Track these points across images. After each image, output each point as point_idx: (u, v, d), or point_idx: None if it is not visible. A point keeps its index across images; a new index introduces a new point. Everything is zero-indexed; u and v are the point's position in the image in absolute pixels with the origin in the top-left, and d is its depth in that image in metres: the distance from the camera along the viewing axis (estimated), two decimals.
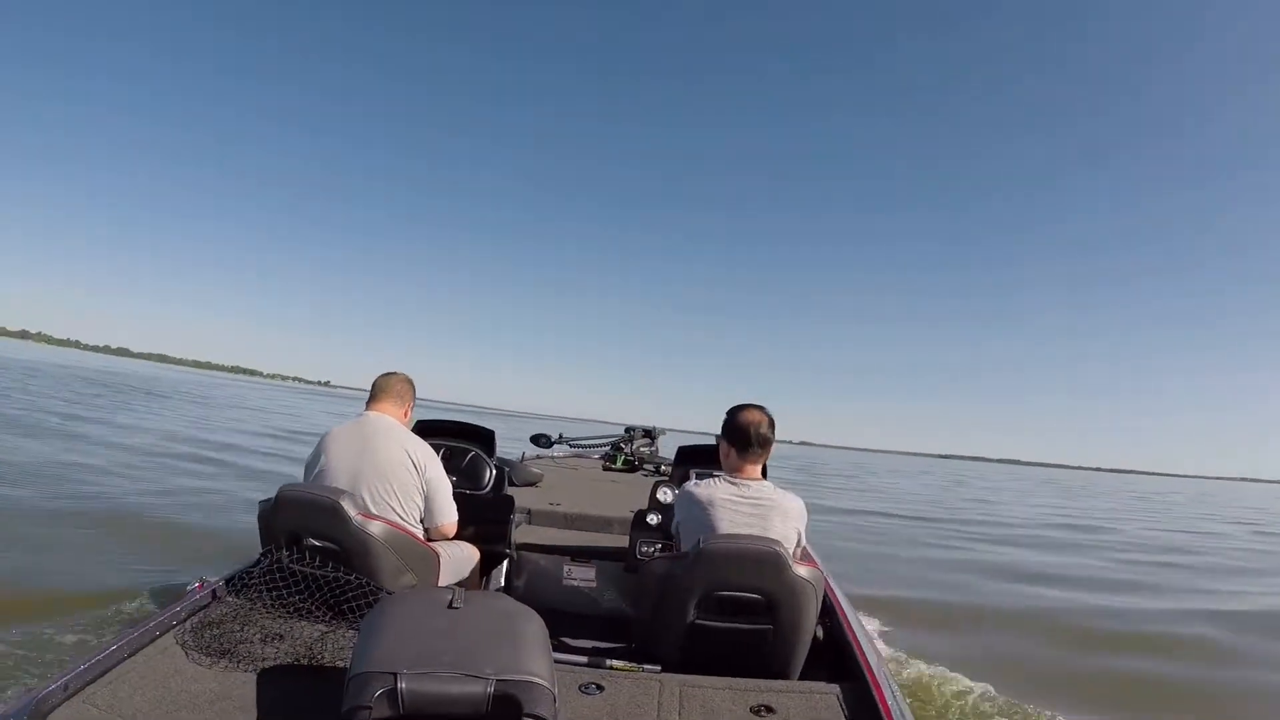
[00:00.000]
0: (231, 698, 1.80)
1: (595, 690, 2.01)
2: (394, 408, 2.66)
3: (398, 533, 2.37)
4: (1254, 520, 22.84)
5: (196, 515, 6.95)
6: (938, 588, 7.40)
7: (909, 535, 11.83)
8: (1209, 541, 14.86)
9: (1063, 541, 12.63)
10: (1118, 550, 11.86)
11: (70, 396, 20.91)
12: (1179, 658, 5.38)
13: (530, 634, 1.72)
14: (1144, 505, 28.40)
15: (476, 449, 3.36)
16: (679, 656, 2.21)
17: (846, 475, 31.95)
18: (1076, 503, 26.14)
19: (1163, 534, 15.94)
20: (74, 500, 6.91)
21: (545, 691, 1.55)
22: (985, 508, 19.58)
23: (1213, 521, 21.35)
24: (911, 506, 17.72)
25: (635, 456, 6.13)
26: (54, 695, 1.69)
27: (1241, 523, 21.43)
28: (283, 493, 2.32)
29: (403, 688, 1.48)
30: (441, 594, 1.82)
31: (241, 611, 2.19)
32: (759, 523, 2.29)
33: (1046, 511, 20.12)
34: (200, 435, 15.27)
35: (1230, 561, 11.59)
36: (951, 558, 9.69)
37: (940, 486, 30.68)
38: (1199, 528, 18.47)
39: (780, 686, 2.09)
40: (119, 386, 31.06)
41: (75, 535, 5.70)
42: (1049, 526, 15.38)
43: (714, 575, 2.16)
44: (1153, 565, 10.32)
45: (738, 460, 2.44)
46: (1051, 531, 14.33)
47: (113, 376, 40.55)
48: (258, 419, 23.82)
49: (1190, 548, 13.19)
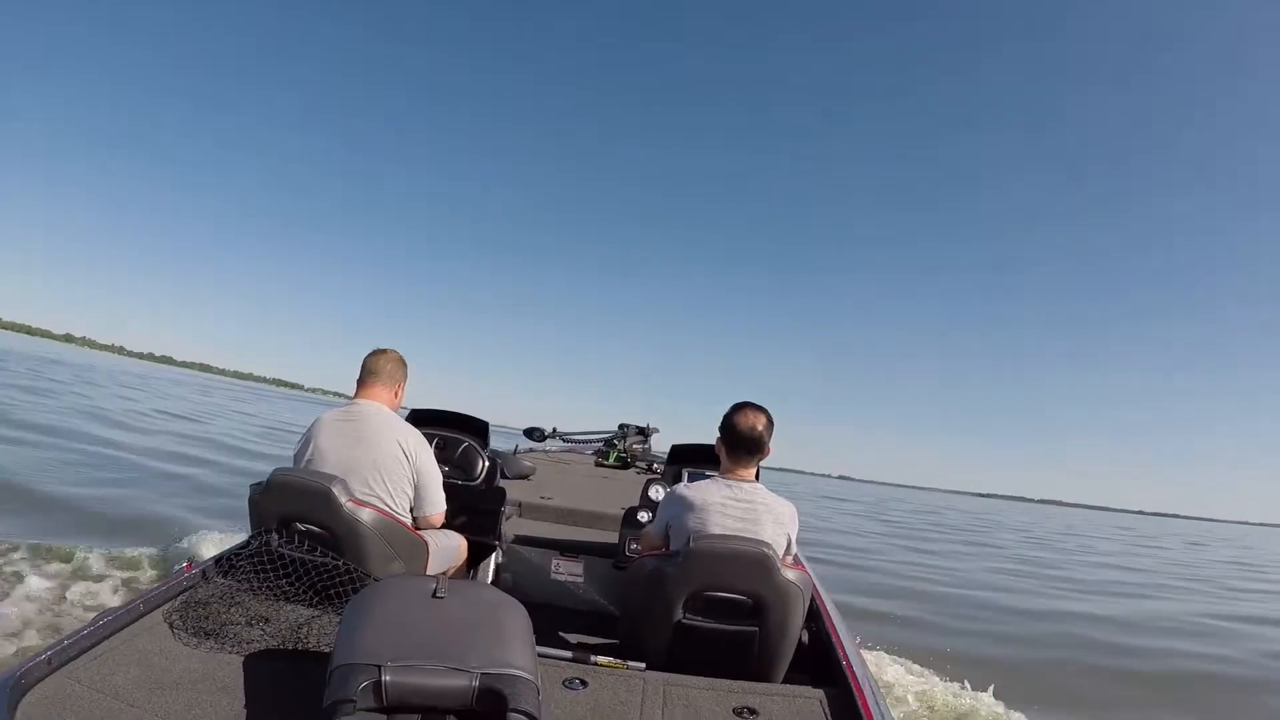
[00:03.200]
0: (215, 678, 1.79)
1: (579, 686, 2.01)
2: (384, 392, 2.63)
3: (387, 520, 2.36)
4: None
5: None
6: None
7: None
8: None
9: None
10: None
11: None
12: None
13: (515, 626, 1.72)
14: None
15: (470, 440, 3.35)
16: (664, 655, 2.21)
17: (973, 528, 24.51)
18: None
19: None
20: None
21: (530, 685, 1.55)
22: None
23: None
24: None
25: (628, 453, 6.12)
26: (37, 669, 1.68)
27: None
28: (274, 477, 2.32)
29: (387, 680, 1.47)
30: (425, 583, 1.81)
31: (228, 593, 2.19)
32: (750, 525, 2.29)
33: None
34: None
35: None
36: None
37: (1184, 557, 21.95)
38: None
39: (764, 689, 2.09)
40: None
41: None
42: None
43: (702, 575, 2.16)
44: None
45: (730, 461, 2.44)
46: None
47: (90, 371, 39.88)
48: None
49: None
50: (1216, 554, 25.63)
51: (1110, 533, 35.89)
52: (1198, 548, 29.17)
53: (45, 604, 3.74)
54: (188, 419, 19.76)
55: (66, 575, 4.26)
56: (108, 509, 6.76)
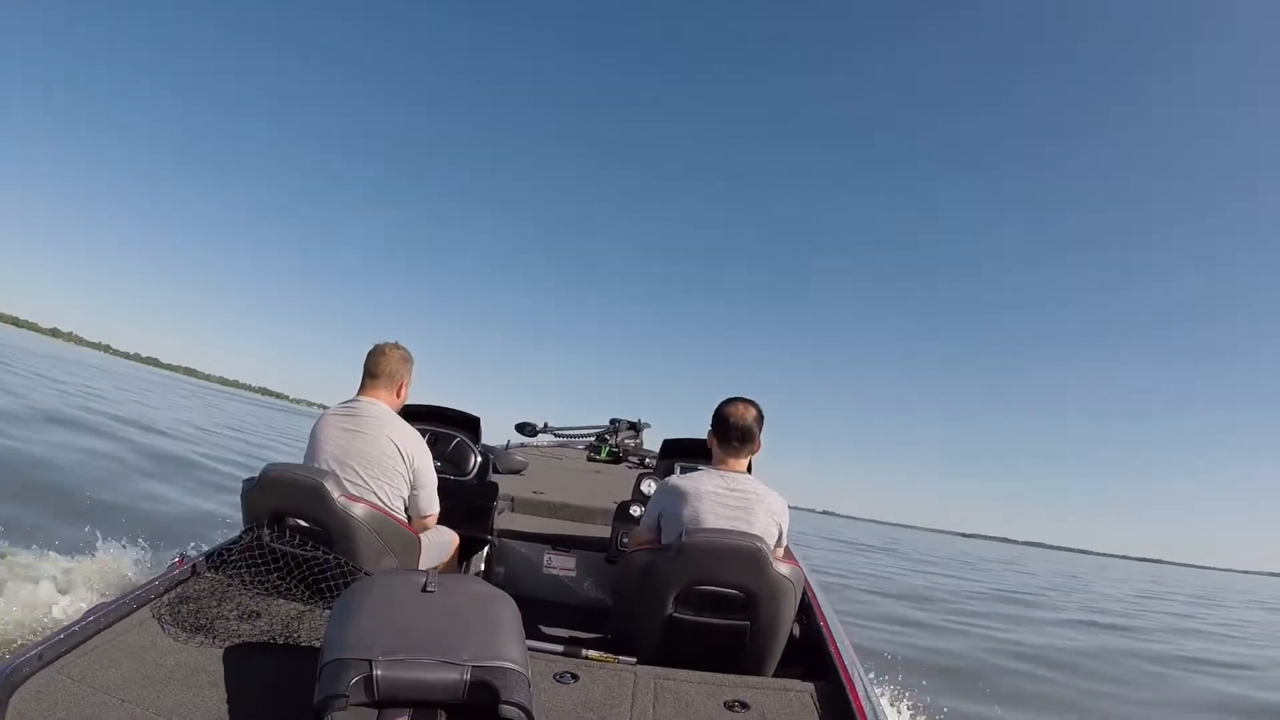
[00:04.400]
0: (206, 673, 1.79)
1: (570, 679, 2.01)
2: (385, 392, 2.62)
3: (380, 515, 2.37)
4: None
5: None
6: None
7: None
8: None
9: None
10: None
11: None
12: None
13: (505, 619, 1.72)
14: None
15: (462, 435, 3.36)
16: (656, 649, 2.22)
17: (1063, 590, 21.16)
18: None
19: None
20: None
21: (521, 678, 1.55)
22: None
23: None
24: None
25: (620, 448, 6.13)
26: (29, 663, 1.68)
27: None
28: (267, 472, 2.32)
29: (378, 674, 1.47)
30: (415, 577, 1.81)
31: (220, 588, 2.19)
32: (743, 515, 2.31)
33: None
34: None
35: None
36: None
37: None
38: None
39: (755, 683, 2.11)
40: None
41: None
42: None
43: (694, 569, 2.17)
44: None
45: (721, 452, 2.46)
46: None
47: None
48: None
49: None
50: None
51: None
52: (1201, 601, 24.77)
53: (36, 599, 3.71)
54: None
55: (56, 570, 4.23)
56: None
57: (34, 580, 3.95)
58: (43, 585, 3.91)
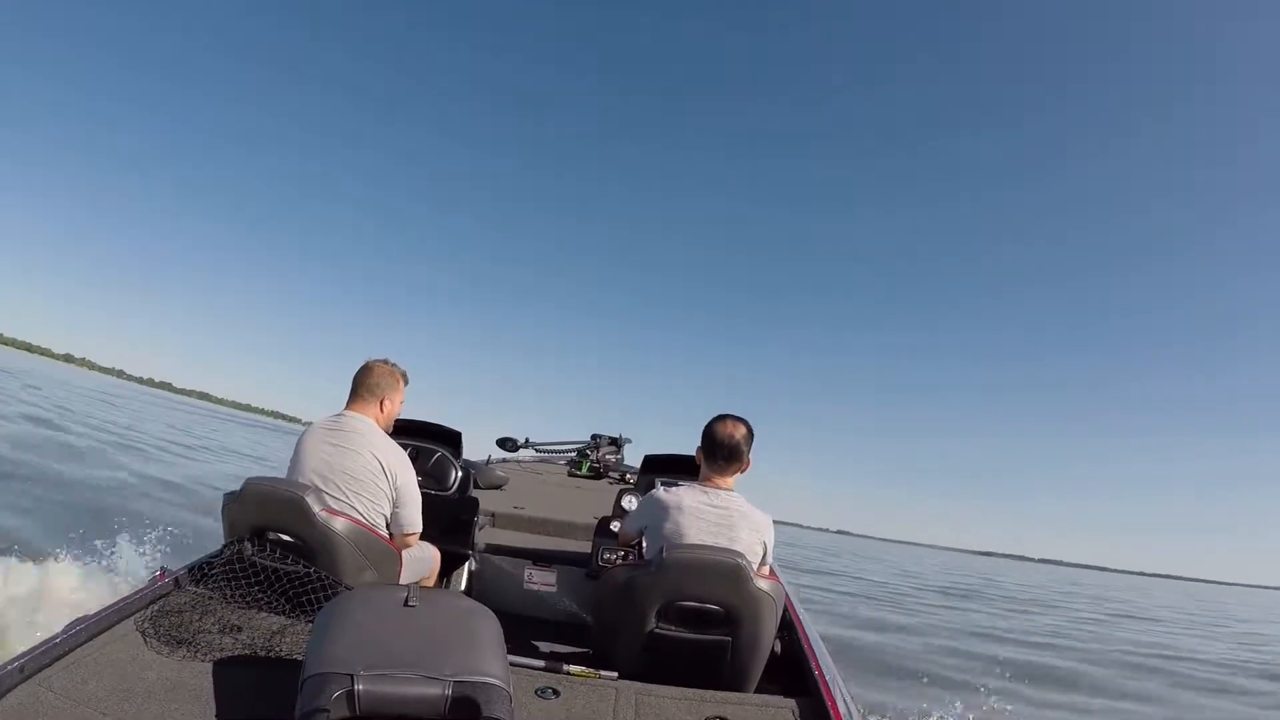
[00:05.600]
0: (187, 687, 1.79)
1: (551, 695, 2.03)
2: (370, 407, 2.62)
3: (361, 529, 2.38)
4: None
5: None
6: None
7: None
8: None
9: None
10: None
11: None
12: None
13: (487, 634, 1.74)
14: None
15: (443, 450, 3.36)
16: (637, 664, 2.24)
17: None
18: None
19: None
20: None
21: (502, 693, 1.57)
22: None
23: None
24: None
25: (601, 463, 6.14)
26: (10, 676, 1.68)
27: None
28: (248, 486, 2.33)
29: (360, 689, 1.48)
30: (396, 592, 1.82)
31: (201, 601, 2.19)
32: (726, 531, 2.33)
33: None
34: None
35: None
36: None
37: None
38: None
39: (736, 699, 2.12)
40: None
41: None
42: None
43: (676, 585, 2.20)
44: None
45: (708, 469, 2.48)
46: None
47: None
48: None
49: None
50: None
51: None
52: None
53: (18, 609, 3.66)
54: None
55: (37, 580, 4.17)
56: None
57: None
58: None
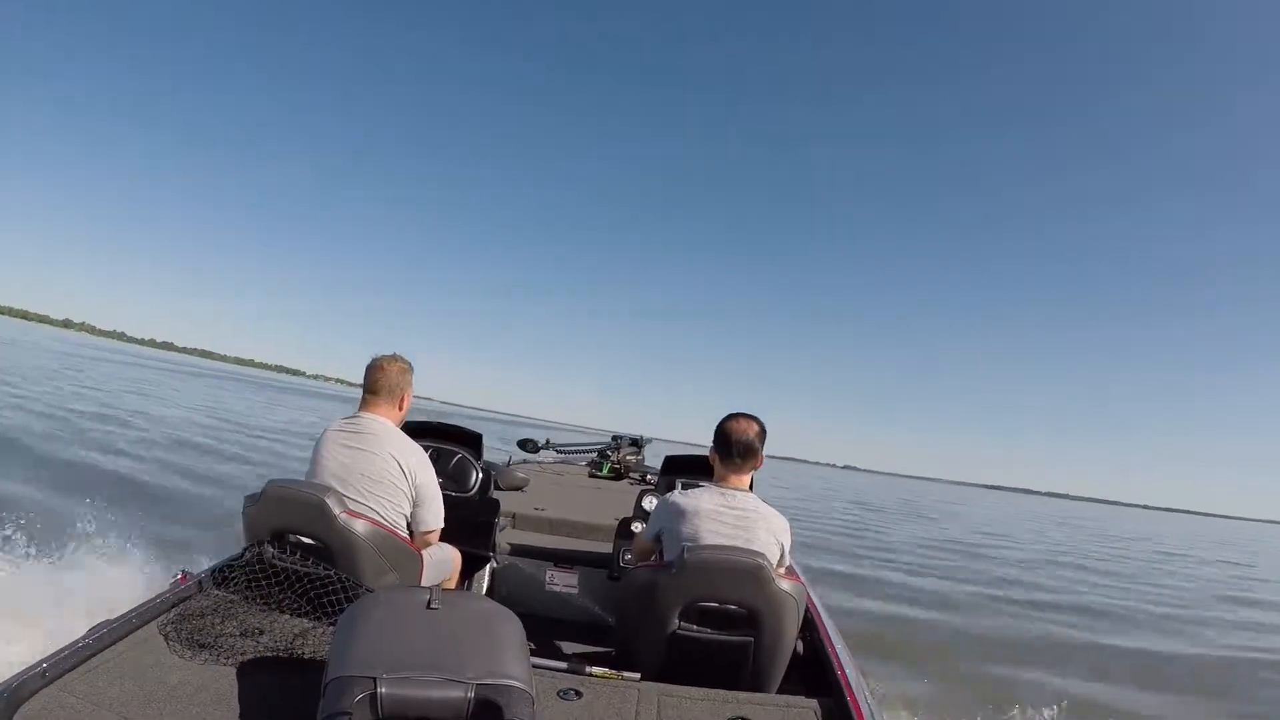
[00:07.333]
0: (210, 690, 1.79)
1: (574, 696, 2.01)
2: (387, 407, 2.62)
3: (382, 531, 2.37)
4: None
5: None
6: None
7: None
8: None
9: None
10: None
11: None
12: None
13: (509, 636, 1.72)
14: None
15: (463, 451, 3.36)
16: (659, 666, 2.22)
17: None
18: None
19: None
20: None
21: (525, 695, 1.55)
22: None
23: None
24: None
25: (621, 464, 6.15)
26: (33, 681, 1.68)
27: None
28: (269, 488, 2.33)
29: (382, 692, 1.47)
30: (419, 594, 1.81)
31: (223, 605, 2.19)
32: (743, 533, 2.31)
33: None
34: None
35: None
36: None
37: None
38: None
39: (758, 699, 2.10)
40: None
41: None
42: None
43: (697, 586, 2.18)
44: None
45: (723, 468, 2.47)
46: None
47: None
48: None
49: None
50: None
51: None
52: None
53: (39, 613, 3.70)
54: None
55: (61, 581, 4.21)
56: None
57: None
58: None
